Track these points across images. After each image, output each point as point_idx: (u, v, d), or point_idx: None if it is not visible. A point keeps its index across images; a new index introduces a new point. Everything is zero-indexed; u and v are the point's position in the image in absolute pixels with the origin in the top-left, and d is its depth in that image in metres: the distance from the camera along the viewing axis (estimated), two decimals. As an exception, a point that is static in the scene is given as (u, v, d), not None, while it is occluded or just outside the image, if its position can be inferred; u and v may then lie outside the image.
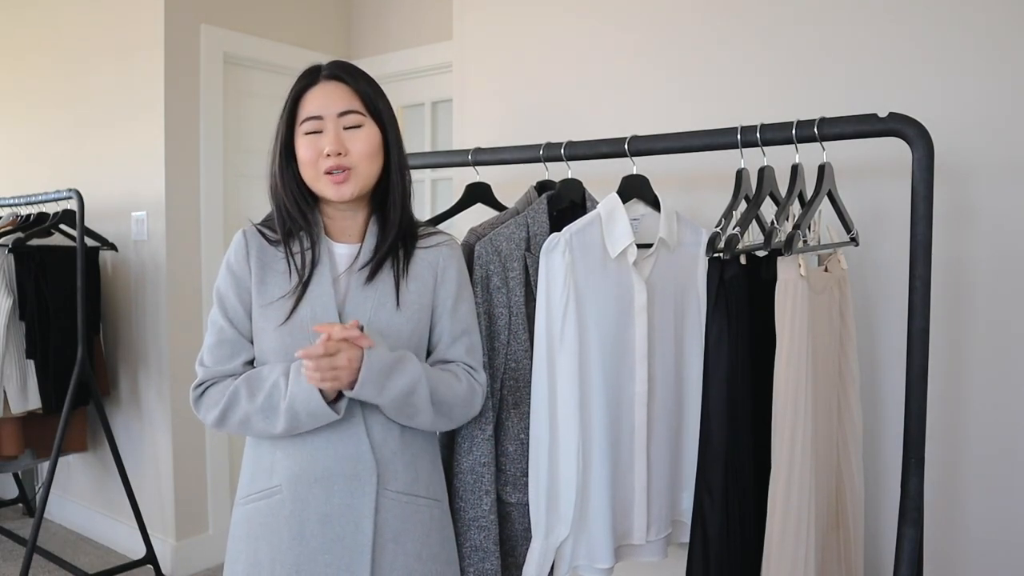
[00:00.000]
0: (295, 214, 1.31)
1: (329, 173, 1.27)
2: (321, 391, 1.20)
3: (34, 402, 2.85)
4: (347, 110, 1.28)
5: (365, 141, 1.29)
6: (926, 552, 1.38)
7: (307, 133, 1.28)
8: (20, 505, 3.67)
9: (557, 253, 1.41)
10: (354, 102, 1.29)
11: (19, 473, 3.56)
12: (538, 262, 1.45)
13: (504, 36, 2.30)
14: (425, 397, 1.26)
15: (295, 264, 1.29)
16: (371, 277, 1.30)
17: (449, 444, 1.50)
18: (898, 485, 1.28)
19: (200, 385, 1.30)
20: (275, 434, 1.25)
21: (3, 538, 3.31)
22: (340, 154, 1.26)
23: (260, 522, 1.27)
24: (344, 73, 1.30)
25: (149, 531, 2.90)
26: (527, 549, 1.47)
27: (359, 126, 1.29)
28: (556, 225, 1.46)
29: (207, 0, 2.94)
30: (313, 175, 1.28)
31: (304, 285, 1.28)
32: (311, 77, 1.30)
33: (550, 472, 1.42)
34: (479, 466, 1.46)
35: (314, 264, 1.29)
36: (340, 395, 1.23)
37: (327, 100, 1.28)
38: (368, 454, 1.26)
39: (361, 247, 1.33)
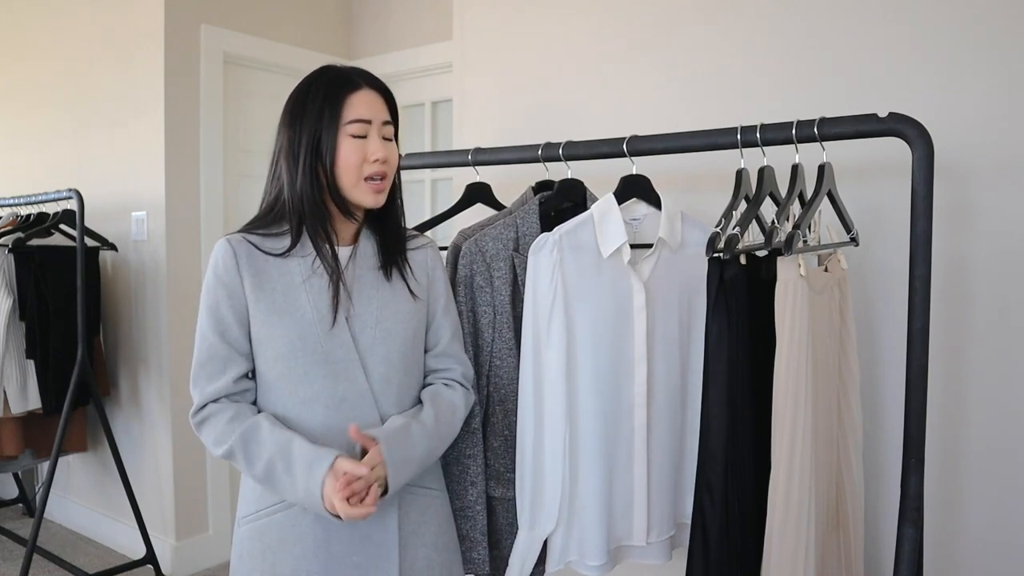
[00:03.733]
0: (323, 214, 1.28)
1: (370, 179, 1.27)
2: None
3: (34, 402, 2.85)
4: (388, 120, 1.30)
5: (395, 153, 1.32)
6: (926, 552, 1.38)
7: (353, 135, 1.25)
8: (20, 505, 3.67)
9: (545, 252, 1.42)
10: (390, 114, 1.31)
11: (19, 473, 3.56)
12: (527, 262, 1.45)
13: (504, 36, 2.29)
14: (427, 456, 1.30)
15: (329, 266, 1.28)
16: (387, 276, 1.33)
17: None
18: (898, 485, 1.28)
19: (199, 411, 1.26)
20: (271, 492, 1.27)
21: (3, 538, 3.31)
22: (385, 161, 1.28)
23: (278, 536, 1.26)
24: (382, 85, 1.32)
25: (149, 531, 2.90)
26: (512, 543, 1.49)
27: (392, 139, 1.31)
28: (556, 225, 1.47)
29: (207, 0, 2.94)
30: (354, 179, 1.26)
31: (336, 288, 1.27)
32: (354, 82, 1.27)
33: (534, 466, 1.43)
34: (464, 457, 1.49)
35: (337, 265, 1.29)
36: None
37: (375, 107, 1.28)
38: None
39: (355, 248, 1.33)
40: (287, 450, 1.21)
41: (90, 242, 2.93)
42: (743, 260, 1.28)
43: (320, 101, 1.26)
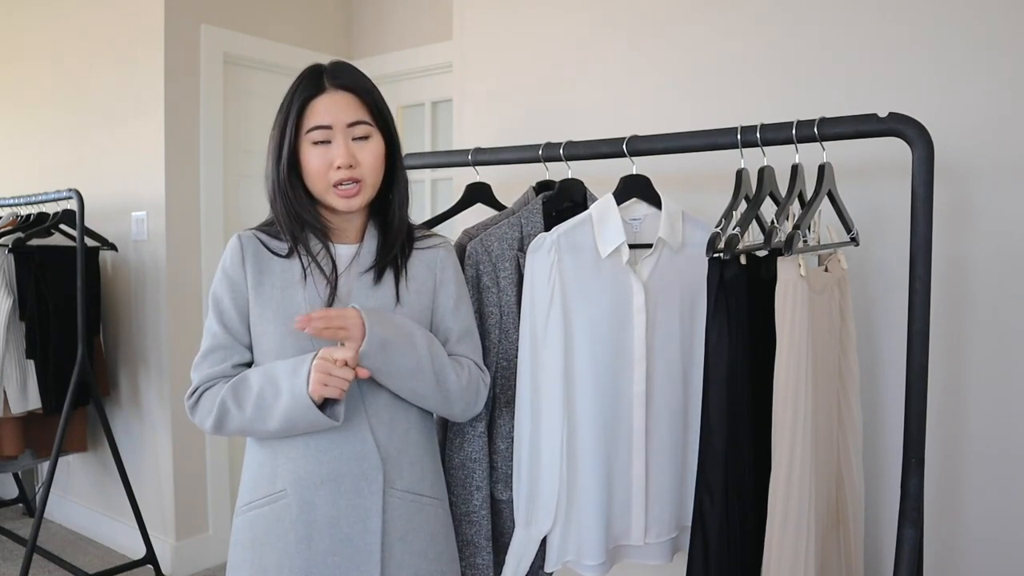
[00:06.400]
0: (304, 219, 1.29)
1: (338, 185, 1.26)
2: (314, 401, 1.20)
3: (34, 402, 2.85)
4: (356, 121, 1.27)
5: (373, 153, 1.28)
6: (926, 552, 1.38)
7: (315, 143, 1.26)
8: (20, 505, 3.67)
9: (542, 252, 1.42)
10: (362, 113, 1.28)
11: (19, 473, 3.56)
12: None
13: (504, 36, 2.29)
14: (426, 353, 1.26)
15: (320, 269, 1.28)
16: (377, 279, 1.31)
17: (441, 440, 1.51)
18: (898, 485, 1.28)
19: (193, 393, 1.29)
20: (270, 432, 1.25)
21: (3, 538, 3.31)
22: (351, 166, 1.26)
23: (265, 528, 1.27)
24: (352, 82, 1.29)
25: (149, 531, 2.91)
26: None
27: (367, 137, 1.28)
28: (557, 225, 1.47)
29: (207, 0, 2.94)
30: (323, 187, 1.27)
31: (334, 288, 1.28)
32: (317, 84, 1.27)
33: (531, 464, 1.43)
34: (470, 461, 1.47)
35: (334, 267, 1.29)
36: (336, 402, 1.23)
37: (337, 110, 1.26)
38: (374, 453, 1.26)
39: (360, 247, 1.33)
40: (272, 373, 1.23)
41: (90, 242, 2.93)
42: (743, 260, 1.28)
43: (287, 108, 1.28)
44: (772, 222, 1.30)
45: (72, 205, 2.78)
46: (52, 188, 3.13)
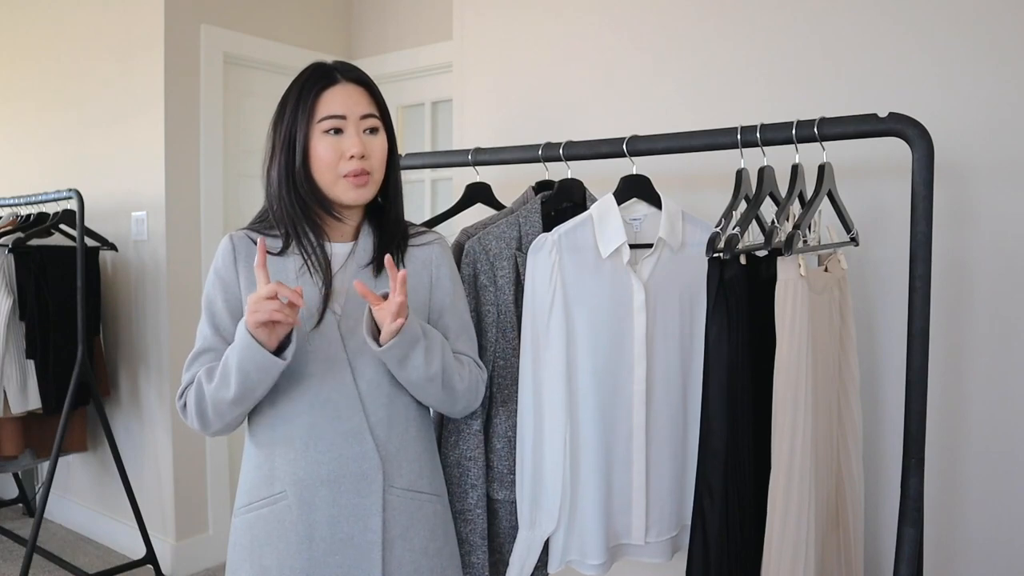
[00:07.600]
0: (308, 211, 1.28)
1: (348, 176, 1.25)
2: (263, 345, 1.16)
3: (34, 402, 2.85)
4: (368, 114, 1.28)
5: (382, 147, 1.29)
6: (926, 552, 1.38)
7: (326, 132, 1.25)
8: (20, 505, 3.67)
9: (544, 253, 1.42)
10: (372, 107, 1.29)
11: (19, 473, 3.56)
12: None
13: (504, 36, 2.30)
14: (439, 362, 1.26)
15: (316, 265, 1.28)
16: (377, 272, 1.31)
17: (437, 438, 1.51)
18: (898, 485, 1.28)
19: (183, 394, 1.28)
20: (232, 401, 1.21)
21: (3, 538, 3.31)
22: (364, 157, 1.26)
23: (264, 529, 1.26)
24: (362, 77, 1.30)
25: (149, 531, 2.91)
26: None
27: (376, 130, 1.29)
28: (556, 225, 1.47)
29: (207, 0, 2.94)
30: (332, 178, 1.26)
31: (329, 285, 1.27)
32: (328, 77, 1.27)
33: (534, 466, 1.43)
34: (465, 460, 1.48)
35: (328, 264, 1.29)
36: (286, 344, 1.20)
37: (350, 101, 1.26)
38: (373, 452, 1.26)
39: (355, 244, 1.33)
40: (237, 337, 1.20)
41: (90, 242, 2.93)
42: (743, 260, 1.28)
43: (295, 101, 1.27)
44: (772, 222, 1.30)
45: (72, 205, 2.78)
46: (52, 188, 3.13)
